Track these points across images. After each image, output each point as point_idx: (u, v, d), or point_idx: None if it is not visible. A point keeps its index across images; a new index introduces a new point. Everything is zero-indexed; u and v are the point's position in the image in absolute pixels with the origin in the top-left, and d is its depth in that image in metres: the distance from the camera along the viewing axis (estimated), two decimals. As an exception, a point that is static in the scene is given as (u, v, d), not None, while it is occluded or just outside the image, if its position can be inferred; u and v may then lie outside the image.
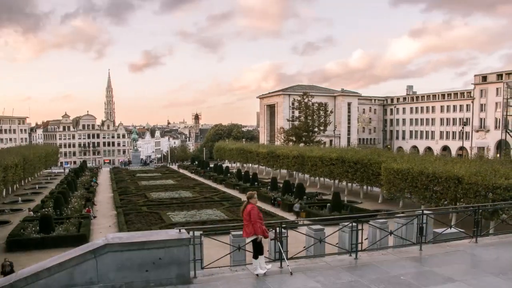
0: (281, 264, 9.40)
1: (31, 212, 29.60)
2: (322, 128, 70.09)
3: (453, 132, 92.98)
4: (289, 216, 29.12)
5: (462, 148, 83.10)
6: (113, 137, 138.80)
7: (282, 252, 9.38)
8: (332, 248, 11.00)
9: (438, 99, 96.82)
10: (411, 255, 10.46)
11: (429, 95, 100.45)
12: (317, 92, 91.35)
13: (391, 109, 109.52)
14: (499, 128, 78.54)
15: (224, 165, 62.86)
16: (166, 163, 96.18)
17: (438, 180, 25.52)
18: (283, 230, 10.40)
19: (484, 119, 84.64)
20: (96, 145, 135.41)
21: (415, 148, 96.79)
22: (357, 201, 34.79)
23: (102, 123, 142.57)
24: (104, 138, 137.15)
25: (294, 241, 12.18)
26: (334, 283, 8.52)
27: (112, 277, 7.63)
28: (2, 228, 26.81)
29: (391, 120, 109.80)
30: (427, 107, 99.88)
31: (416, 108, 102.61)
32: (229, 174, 54.30)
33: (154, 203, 34.94)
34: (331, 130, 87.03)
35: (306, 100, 69.74)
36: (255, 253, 8.94)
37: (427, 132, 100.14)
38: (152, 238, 8.17)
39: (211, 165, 68.06)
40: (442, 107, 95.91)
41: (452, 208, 23.39)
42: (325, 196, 36.75)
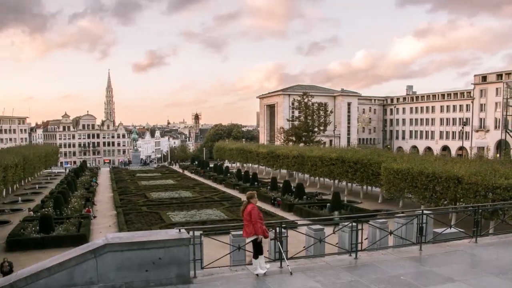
0: (281, 264, 9.40)
1: (31, 212, 29.60)
2: (322, 128, 70.09)
3: (453, 132, 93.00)
4: (289, 216, 29.11)
5: (462, 148, 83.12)
6: (113, 137, 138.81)
7: (282, 252, 9.38)
8: (332, 248, 11.00)
9: (438, 99, 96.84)
10: (411, 255, 10.46)
11: (429, 95, 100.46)
12: (317, 92, 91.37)
13: (391, 109, 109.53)
14: (499, 128, 78.59)
15: (224, 165, 62.88)
16: (169, 163, 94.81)
17: (438, 180, 25.52)
18: (283, 230, 10.40)
19: (484, 119, 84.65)
20: (96, 145, 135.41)
21: (415, 148, 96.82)
22: (357, 201, 34.79)
23: (102, 123, 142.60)
24: (104, 138, 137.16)
25: (294, 241, 12.18)
26: (334, 283, 8.53)
27: (112, 277, 7.64)
28: (2, 228, 26.80)
29: (391, 120, 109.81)
30: (427, 107, 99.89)
31: (416, 108, 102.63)
32: (229, 174, 54.31)
33: (154, 203, 34.94)
34: (331, 130, 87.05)
35: (306, 100, 69.76)
36: (255, 253, 8.94)
37: (427, 132, 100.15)
38: (152, 238, 8.17)
39: (211, 165, 68.11)
40: (442, 107, 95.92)
41: (452, 208, 23.40)
42: (325, 196, 36.75)
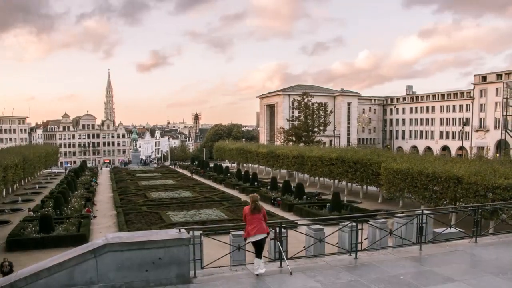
0: (281, 264, 9.41)
1: (31, 212, 29.60)
2: (321, 128, 70.09)
3: (453, 132, 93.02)
4: (289, 216, 29.11)
5: (461, 148, 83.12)
6: (113, 137, 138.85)
7: (282, 252, 9.39)
8: (331, 248, 11.00)
9: (438, 99, 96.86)
10: (410, 255, 10.46)
11: (429, 95, 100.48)
12: (317, 92, 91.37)
13: (391, 109, 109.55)
14: (499, 128, 78.63)
15: (224, 165, 62.89)
16: (173, 163, 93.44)
17: (437, 180, 25.53)
18: (283, 230, 10.41)
19: (484, 119, 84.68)
20: (96, 145, 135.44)
21: (414, 148, 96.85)
22: (356, 201, 34.80)
23: (102, 123, 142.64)
24: (104, 138, 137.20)
25: (294, 241, 12.19)
26: (333, 282, 8.53)
27: (112, 276, 7.64)
28: (2, 228, 26.79)
29: (391, 120, 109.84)
30: (427, 107, 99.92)
31: (416, 108, 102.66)
32: (229, 174, 54.32)
33: (154, 203, 34.93)
34: (331, 130, 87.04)
35: (306, 100, 69.75)
36: (261, 252, 8.99)
37: (426, 132, 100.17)
38: (152, 238, 8.17)
39: (211, 165, 68.12)
40: (441, 107, 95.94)
41: (451, 208, 23.40)
42: (325, 196, 36.77)
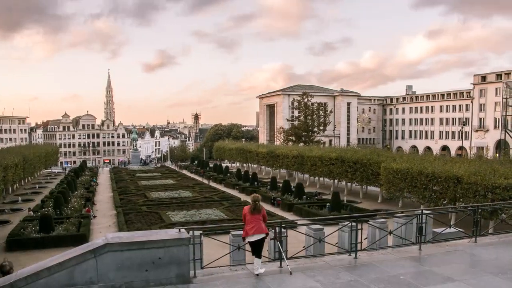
0: (281, 264, 9.42)
1: (31, 212, 29.57)
2: (321, 128, 70.07)
3: (453, 132, 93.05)
4: (288, 215, 29.10)
5: (461, 148, 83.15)
6: (112, 137, 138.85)
7: (282, 251, 9.40)
8: (331, 248, 11.01)
9: (438, 99, 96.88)
10: (410, 255, 10.48)
11: (429, 95, 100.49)
12: (317, 92, 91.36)
13: (391, 109, 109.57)
14: (499, 128, 78.66)
15: (224, 165, 62.89)
16: (176, 164, 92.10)
17: (437, 179, 25.52)
18: (283, 229, 10.42)
19: (484, 119, 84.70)
20: (96, 145, 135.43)
21: (414, 148, 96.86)
22: (356, 201, 34.79)
23: (102, 123, 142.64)
24: (104, 138, 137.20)
25: (294, 240, 12.21)
26: (333, 282, 8.54)
27: (112, 276, 7.65)
28: (2, 227, 26.75)
29: (391, 120, 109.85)
30: (426, 107, 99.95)
31: (416, 108, 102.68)
32: (228, 174, 54.31)
33: (154, 202, 34.90)
34: (331, 130, 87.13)
35: (305, 100, 69.74)
36: (260, 252, 9.00)
37: (426, 132, 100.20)
38: (152, 238, 8.19)
39: (211, 165, 68.10)
40: (441, 107, 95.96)
41: (451, 208, 23.40)
42: (325, 196, 36.76)
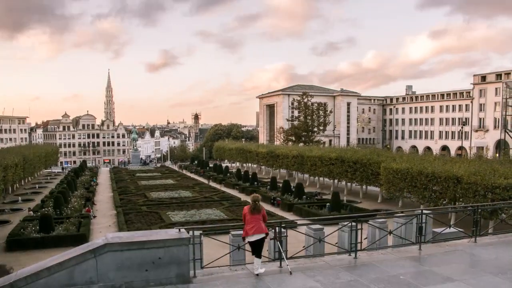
0: (281, 264, 9.42)
1: (31, 212, 29.58)
2: (321, 128, 70.07)
3: (452, 132, 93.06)
4: (288, 215, 29.11)
5: (461, 148, 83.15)
6: (112, 137, 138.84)
7: (282, 251, 9.40)
8: (331, 248, 11.02)
9: (438, 99, 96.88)
10: (410, 255, 10.48)
11: (428, 95, 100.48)
12: (317, 92, 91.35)
13: (391, 109, 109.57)
14: (498, 128, 78.67)
15: (224, 165, 62.89)
16: (174, 164, 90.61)
17: (437, 179, 25.52)
18: (283, 229, 10.43)
19: (483, 119, 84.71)
20: (96, 144, 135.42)
21: (414, 148, 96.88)
22: (356, 201, 34.80)
23: (102, 123, 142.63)
24: (104, 138, 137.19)
25: (294, 240, 12.22)
26: (333, 282, 8.54)
27: (112, 276, 7.66)
28: (2, 227, 26.75)
29: (391, 120, 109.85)
30: (426, 107, 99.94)
31: (416, 108, 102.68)
32: (228, 174, 54.31)
33: (154, 202, 34.90)
34: (331, 130, 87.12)
35: (305, 100, 69.74)
36: (260, 252, 9.01)
37: (426, 132, 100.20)
38: (152, 238, 8.19)
39: (211, 165, 68.10)
40: (441, 107, 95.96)
41: (451, 208, 23.40)
42: (325, 195, 36.77)
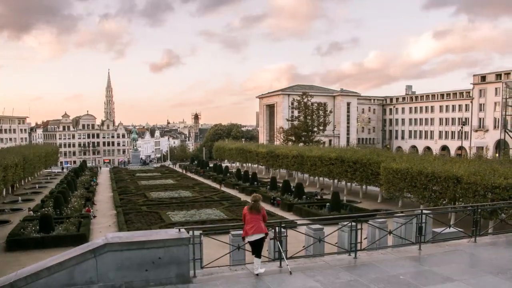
0: (281, 264, 9.43)
1: (31, 212, 29.59)
2: (321, 128, 70.06)
3: (452, 132, 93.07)
4: (288, 215, 29.11)
5: (461, 148, 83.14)
6: (112, 136, 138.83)
7: (282, 251, 9.41)
8: (331, 248, 11.03)
9: (437, 99, 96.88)
10: (410, 255, 10.49)
11: (428, 95, 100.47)
12: (317, 92, 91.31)
13: (390, 109, 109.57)
14: (498, 128, 78.67)
15: (224, 165, 62.90)
16: (174, 164, 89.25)
17: (437, 179, 25.54)
18: (283, 229, 10.43)
19: (483, 119, 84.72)
20: (96, 144, 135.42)
21: (414, 148, 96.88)
22: (356, 201, 34.81)
23: (102, 123, 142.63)
24: (104, 138, 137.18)
25: (294, 240, 12.23)
26: (333, 282, 8.55)
27: (112, 276, 7.66)
28: (2, 227, 26.76)
29: (390, 120, 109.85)
30: (426, 107, 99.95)
31: (415, 108, 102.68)
32: (228, 174, 54.32)
33: (154, 202, 34.92)
34: (330, 130, 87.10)
35: (305, 100, 69.74)
36: (259, 252, 9.01)
37: (426, 132, 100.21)
38: (152, 238, 8.19)
39: (211, 165, 68.11)
40: (441, 107, 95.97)
41: (451, 208, 23.41)
42: (325, 195, 36.77)
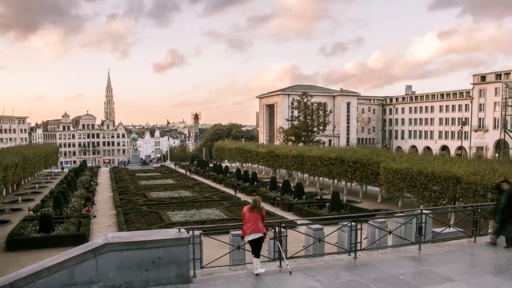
0: (281, 264, 9.44)
1: (31, 212, 29.58)
2: (321, 128, 70.07)
3: (452, 132, 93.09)
4: (288, 215, 29.11)
5: (461, 148, 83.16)
6: (112, 136, 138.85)
7: (282, 251, 9.42)
8: (331, 248, 11.04)
9: (437, 99, 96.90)
10: (410, 255, 10.49)
11: (428, 95, 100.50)
12: (317, 92, 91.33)
13: (390, 109, 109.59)
14: (498, 127, 78.69)
15: (224, 165, 62.91)
16: (174, 164, 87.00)
17: (437, 179, 25.54)
18: (283, 229, 10.43)
19: (483, 118, 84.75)
20: (96, 144, 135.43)
21: (414, 147, 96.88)
22: (356, 201, 34.81)
23: (102, 122, 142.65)
24: (103, 137, 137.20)
25: (294, 240, 12.22)
26: (333, 282, 8.55)
27: (112, 276, 7.66)
28: (2, 227, 26.74)
29: (390, 120, 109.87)
30: (426, 107, 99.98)
31: (415, 108, 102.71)
32: (228, 174, 54.32)
33: (154, 202, 34.90)
34: (330, 130, 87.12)
35: (305, 100, 69.75)
36: (258, 252, 9.02)
37: (426, 132, 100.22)
38: (152, 238, 8.20)
39: (211, 165, 68.10)
40: (441, 107, 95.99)
41: (451, 208, 23.41)
42: (325, 195, 36.77)
